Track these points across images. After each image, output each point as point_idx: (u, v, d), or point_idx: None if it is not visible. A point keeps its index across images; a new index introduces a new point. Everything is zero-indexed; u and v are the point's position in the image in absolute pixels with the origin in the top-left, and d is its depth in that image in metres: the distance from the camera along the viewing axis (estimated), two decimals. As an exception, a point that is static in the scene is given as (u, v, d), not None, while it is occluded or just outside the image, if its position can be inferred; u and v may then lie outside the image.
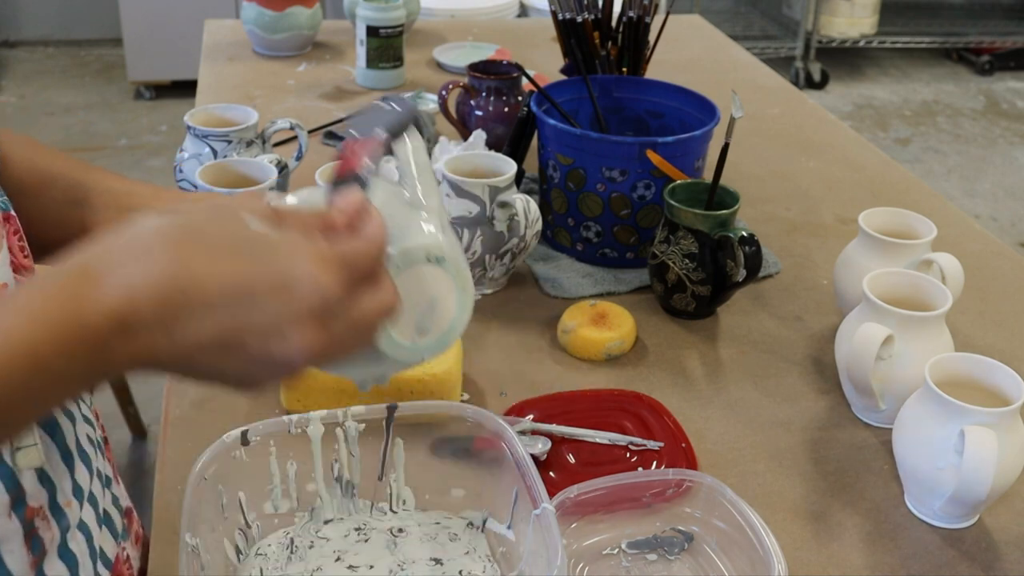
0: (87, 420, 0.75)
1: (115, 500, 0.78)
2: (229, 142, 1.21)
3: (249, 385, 0.53)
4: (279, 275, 0.50)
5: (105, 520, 0.74)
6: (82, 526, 0.70)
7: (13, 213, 0.69)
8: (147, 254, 0.49)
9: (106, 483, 0.76)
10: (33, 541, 0.65)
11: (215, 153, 1.20)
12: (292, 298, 0.50)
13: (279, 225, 0.52)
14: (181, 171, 1.23)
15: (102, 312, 0.48)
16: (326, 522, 0.79)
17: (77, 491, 0.70)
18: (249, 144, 1.22)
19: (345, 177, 0.58)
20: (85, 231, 0.76)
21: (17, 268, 0.67)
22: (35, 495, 0.65)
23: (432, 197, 0.61)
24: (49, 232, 0.76)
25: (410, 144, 0.62)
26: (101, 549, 0.73)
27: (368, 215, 0.55)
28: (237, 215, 0.52)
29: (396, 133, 0.61)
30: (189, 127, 1.22)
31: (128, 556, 0.77)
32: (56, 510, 0.67)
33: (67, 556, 0.68)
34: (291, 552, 0.76)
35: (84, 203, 0.77)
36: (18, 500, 0.64)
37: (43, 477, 0.66)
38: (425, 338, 0.60)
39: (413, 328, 0.60)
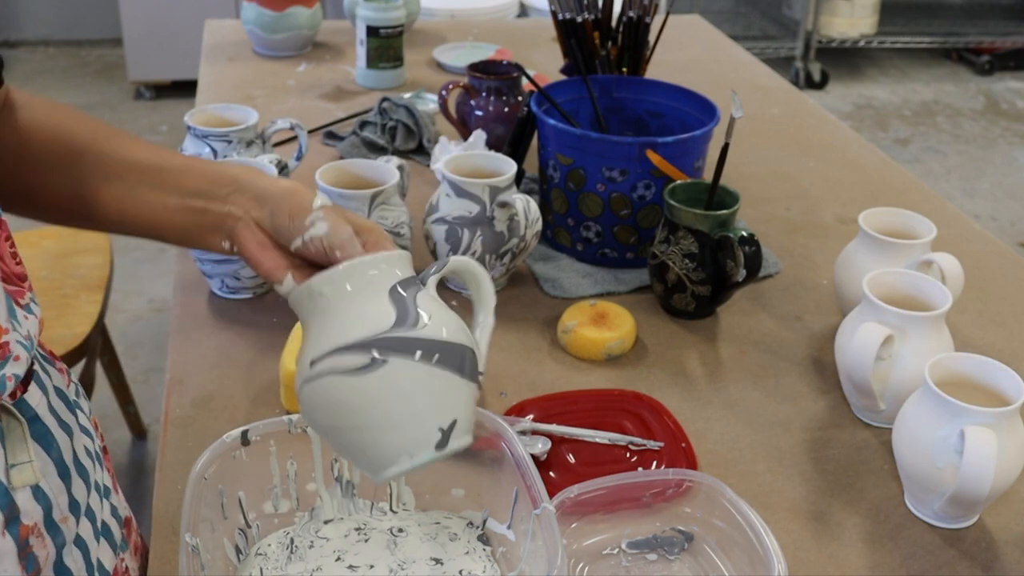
0: (85, 431, 0.73)
1: (114, 511, 0.76)
2: (229, 142, 1.21)
3: None
4: None
5: (104, 532, 0.73)
6: (79, 541, 0.69)
7: (4, 218, 0.67)
8: None
9: (104, 494, 0.75)
10: (28, 559, 0.64)
11: (215, 153, 1.20)
12: None
13: None
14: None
15: None
16: (326, 522, 0.79)
17: (74, 506, 0.68)
18: (249, 144, 1.22)
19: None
20: (104, 204, 0.75)
21: (7, 277, 0.65)
22: (29, 512, 0.64)
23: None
24: (63, 202, 0.75)
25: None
26: (99, 562, 0.71)
27: None
28: None
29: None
30: (189, 127, 1.22)
31: (127, 567, 0.76)
32: (51, 527, 0.66)
33: (63, 572, 0.67)
34: (291, 552, 0.76)
35: (113, 177, 0.75)
36: (12, 518, 0.63)
37: (38, 494, 0.65)
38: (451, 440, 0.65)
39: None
